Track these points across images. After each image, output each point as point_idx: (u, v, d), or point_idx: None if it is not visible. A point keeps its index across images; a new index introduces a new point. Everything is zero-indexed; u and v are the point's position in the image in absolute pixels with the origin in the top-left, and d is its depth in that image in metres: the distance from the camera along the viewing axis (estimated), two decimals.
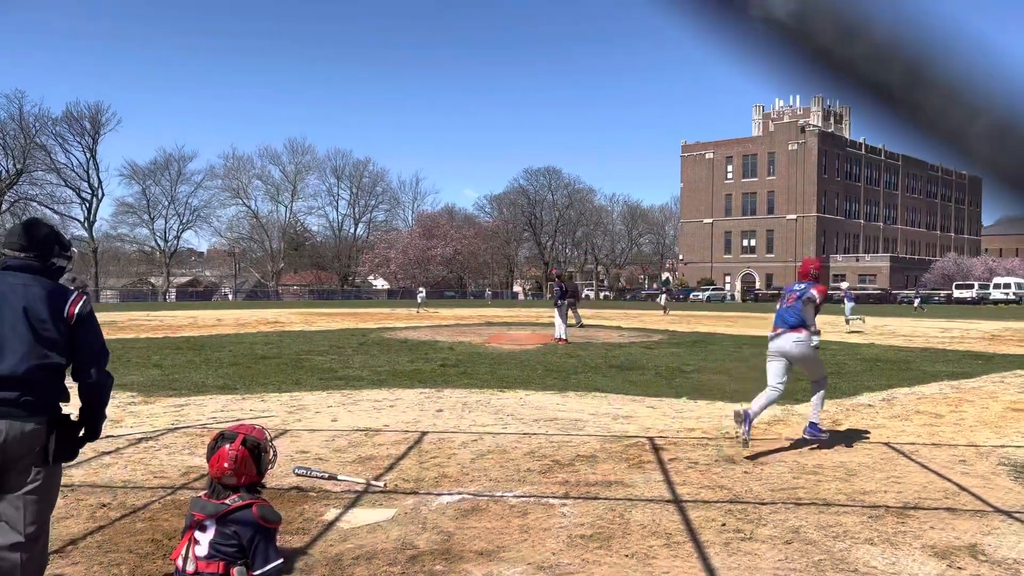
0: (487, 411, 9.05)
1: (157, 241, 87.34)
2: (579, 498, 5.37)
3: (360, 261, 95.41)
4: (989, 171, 0.50)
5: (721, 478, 5.95)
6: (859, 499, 5.39)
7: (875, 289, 75.48)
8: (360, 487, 5.55)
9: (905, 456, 6.78)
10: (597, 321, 31.02)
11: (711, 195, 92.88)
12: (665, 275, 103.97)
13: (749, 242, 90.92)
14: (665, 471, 6.16)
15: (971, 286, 69.44)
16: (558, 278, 20.82)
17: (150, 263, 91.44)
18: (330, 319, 33.12)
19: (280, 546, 3.39)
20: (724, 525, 4.78)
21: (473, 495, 5.42)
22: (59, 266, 3.39)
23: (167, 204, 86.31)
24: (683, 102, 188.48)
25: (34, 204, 75.76)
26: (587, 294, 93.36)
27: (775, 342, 7.04)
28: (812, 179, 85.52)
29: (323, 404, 9.54)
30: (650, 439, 7.44)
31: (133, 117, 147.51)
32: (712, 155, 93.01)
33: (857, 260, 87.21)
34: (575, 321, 22.73)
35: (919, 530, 4.71)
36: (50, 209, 77.31)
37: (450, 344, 18.75)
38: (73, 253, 3.61)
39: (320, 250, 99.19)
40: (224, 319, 32.92)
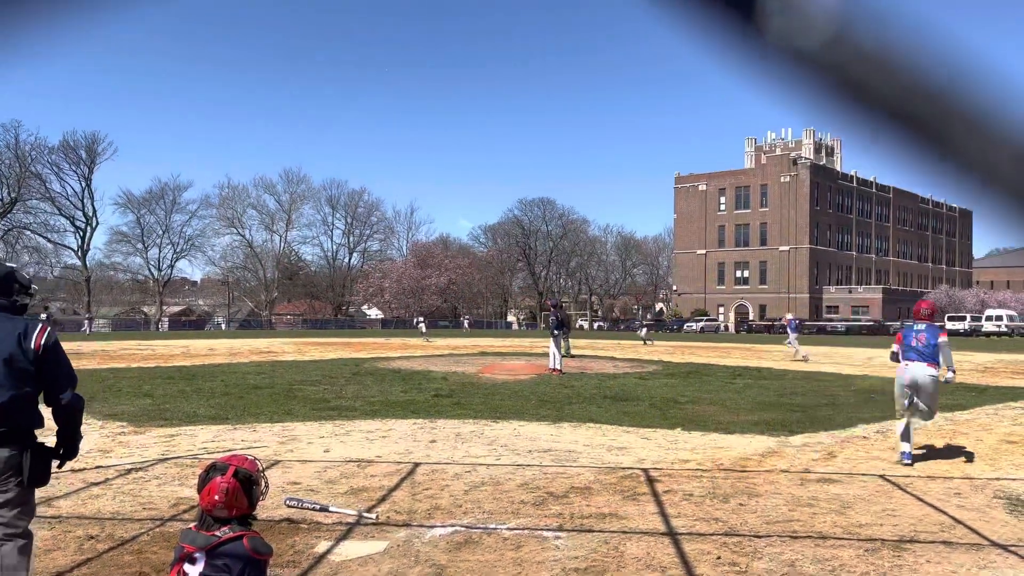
0: (481, 442, 9.00)
1: (151, 270, 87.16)
2: (573, 530, 5.32)
3: (354, 290, 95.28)
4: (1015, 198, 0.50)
5: (716, 510, 5.90)
6: (855, 532, 5.36)
7: (868, 321, 75.65)
8: (352, 519, 5.49)
9: (900, 489, 6.75)
10: (591, 351, 30.97)
11: (704, 226, 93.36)
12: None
13: (742, 273, 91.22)
14: (660, 503, 6.12)
15: (963, 318, 69.67)
16: (554, 308, 20.78)
17: (143, 292, 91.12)
18: (323, 349, 32.99)
19: None
20: (719, 558, 4.74)
21: (466, 527, 5.37)
22: (22, 303, 3.72)
23: (161, 233, 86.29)
24: (676, 134, 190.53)
25: (27, 233, 75.62)
26: (581, 324, 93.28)
27: (908, 372, 7.96)
28: (804, 211, 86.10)
29: (315, 434, 9.46)
30: (645, 471, 7.39)
31: (129, 146, 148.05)
32: (705, 187, 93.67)
33: (850, 292, 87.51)
34: (564, 349, 22.69)
35: (915, 564, 4.67)
36: (44, 238, 77.19)
37: (443, 374, 18.67)
38: (34, 290, 3.93)
39: (314, 279, 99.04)
40: (217, 348, 32.76)
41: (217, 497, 3.13)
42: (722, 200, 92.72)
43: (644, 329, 45.56)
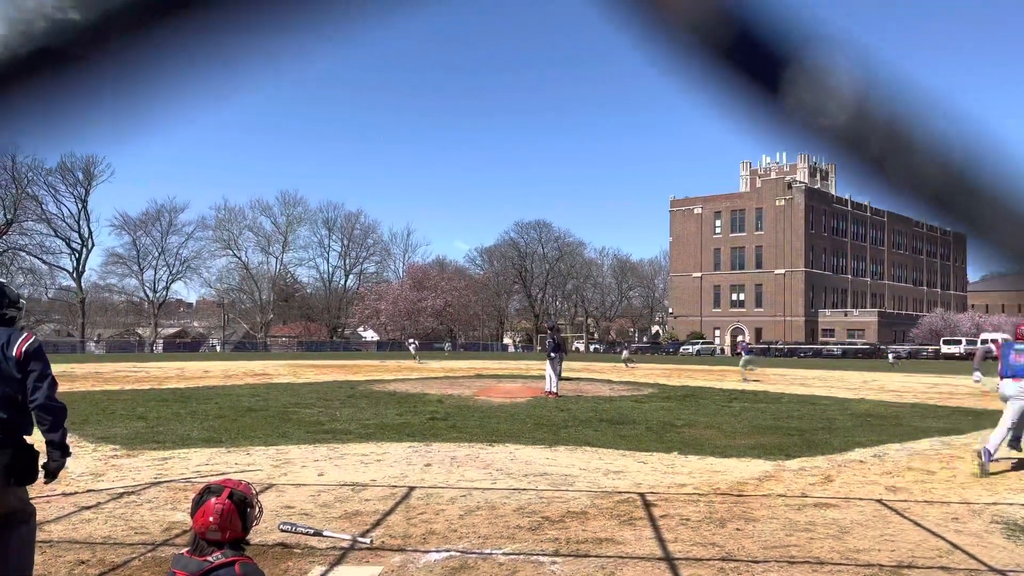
0: (476, 466, 8.94)
1: (146, 292, 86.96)
2: (569, 555, 5.28)
3: (350, 312, 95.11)
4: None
5: (713, 535, 5.87)
6: (853, 557, 5.33)
7: (864, 344, 75.68)
8: (346, 544, 5.45)
9: (898, 513, 6.72)
10: (587, 374, 30.90)
11: (700, 249, 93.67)
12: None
13: (738, 296, 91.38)
14: (656, 528, 6.08)
15: (959, 341, 69.75)
16: (551, 330, 20.75)
17: (138, 314, 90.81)
18: (318, 371, 32.87)
19: None
20: None
21: (462, 552, 5.32)
22: (10, 316, 3.97)
23: (157, 255, 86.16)
24: (671, 158, 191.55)
25: (22, 254, 75.49)
26: (577, 347, 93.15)
27: (1013, 387, 8.74)
28: (800, 234, 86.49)
29: (309, 458, 9.40)
30: (641, 495, 7.35)
31: (125, 168, 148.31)
32: (700, 210, 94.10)
33: (845, 315, 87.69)
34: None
35: None
36: (39, 259, 77.03)
37: (439, 397, 18.60)
38: (22, 304, 4.18)
39: (310, 301, 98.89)
40: (211, 371, 32.61)
41: (211, 519, 3.11)
42: (718, 223, 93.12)
43: (625, 352, 46.62)
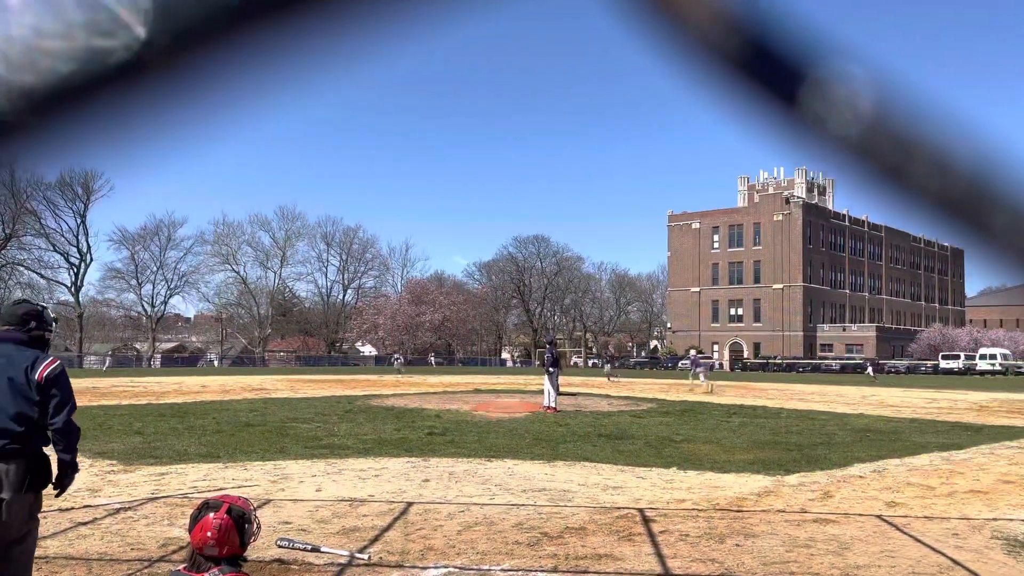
0: (474, 481, 8.91)
1: (144, 306, 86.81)
2: (568, 572, 5.25)
3: (348, 327, 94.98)
4: None
5: (712, 551, 5.84)
6: (853, 574, 5.31)
7: (862, 359, 75.60)
8: (344, 559, 5.42)
9: (898, 529, 6.70)
10: (585, 389, 30.85)
11: (698, 264, 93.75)
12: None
13: (736, 311, 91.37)
14: (655, 544, 6.05)
15: (957, 356, 69.71)
16: (549, 344, 20.71)
17: (136, 328, 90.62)
18: (316, 386, 32.79)
19: None
20: None
21: (460, 568, 5.30)
22: (37, 335, 4.14)
23: (155, 269, 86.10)
24: (669, 173, 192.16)
25: (21, 268, 75.40)
26: (576, 362, 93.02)
27: None
28: (798, 249, 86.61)
29: (307, 473, 9.36)
30: (640, 510, 7.32)
31: (125, 183, 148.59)
32: (698, 225, 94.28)
33: (844, 330, 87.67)
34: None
35: None
36: (37, 274, 76.88)
37: (437, 412, 18.55)
38: (56, 328, 4.42)
39: (308, 316, 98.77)
40: (209, 385, 32.52)
41: (209, 534, 3.10)
42: (715, 238, 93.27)
43: (608, 366, 46.90)
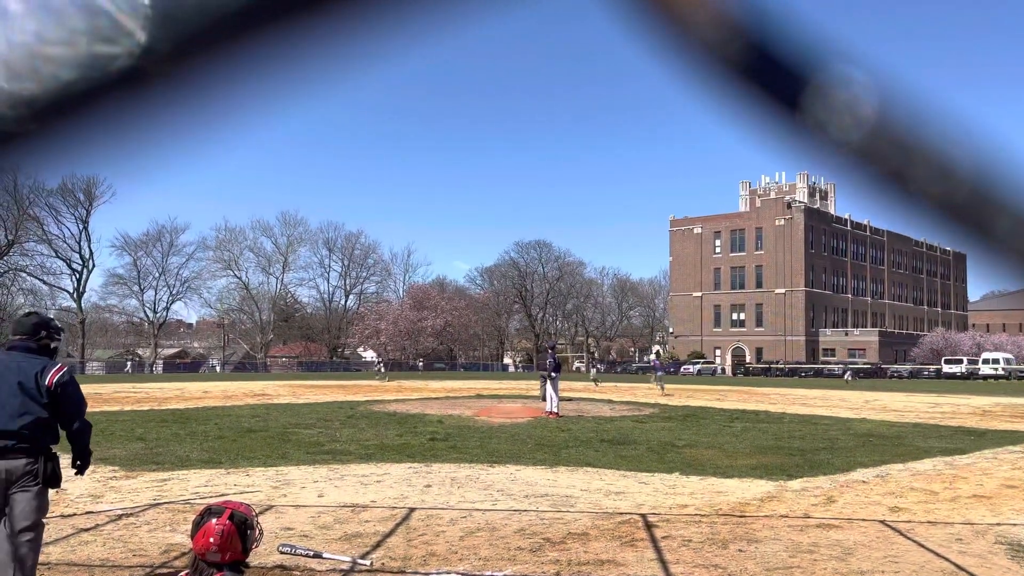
0: (477, 486, 8.90)
1: (146, 312, 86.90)
2: None
3: (350, 332, 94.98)
4: None
5: (715, 557, 5.83)
6: None
7: (865, 363, 75.45)
8: (346, 566, 5.41)
9: (901, 534, 6.68)
10: (587, 394, 30.81)
11: (700, 269, 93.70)
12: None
13: (738, 316, 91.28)
14: (658, 549, 6.04)
15: (960, 361, 69.56)
16: (550, 350, 20.68)
17: (138, 334, 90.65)
18: (318, 391, 32.77)
19: None
20: None
21: (462, 574, 5.29)
22: (53, 346, 4.49)
23: (158, 275, 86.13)
24: (671, 178, 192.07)
25: (23, 275, 75.50)
26: (578, 367, 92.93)
27: None
28: (800, 254, 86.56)
29: (309, 479, 9.36)
30: (643, 516, 7.31)
31: (126, 189, 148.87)
32: (700, 230, 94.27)
33: (846, 334, 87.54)
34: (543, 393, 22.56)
35: None
36: (40, 280, 76.91)
37: (439, 417, 18.53)
38: (63, 335, 4.77)
39: (310, 321, 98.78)
40: (211, 391, 32.52)
41: (212, 540, 3.09)
42: (717, 243, 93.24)
43: (593, 371, 47.33)
